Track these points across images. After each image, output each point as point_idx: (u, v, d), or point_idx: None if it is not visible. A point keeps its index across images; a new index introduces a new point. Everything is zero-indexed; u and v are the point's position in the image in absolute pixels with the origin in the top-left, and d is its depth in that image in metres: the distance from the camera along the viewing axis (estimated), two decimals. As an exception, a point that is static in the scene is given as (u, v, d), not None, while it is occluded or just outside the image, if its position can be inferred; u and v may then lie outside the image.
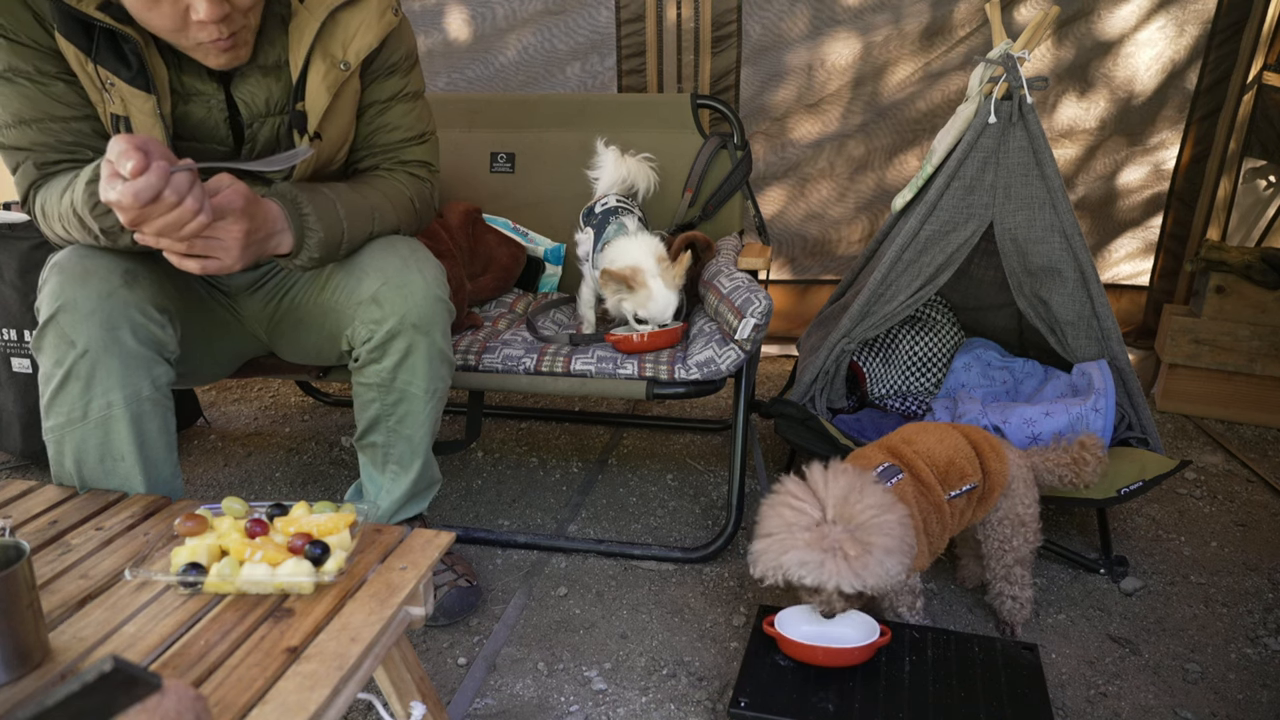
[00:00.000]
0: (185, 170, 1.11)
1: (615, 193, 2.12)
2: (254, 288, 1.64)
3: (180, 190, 1.10)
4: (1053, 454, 1.65)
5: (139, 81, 1.30)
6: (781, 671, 1.39)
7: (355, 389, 1.55)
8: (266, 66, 1.41)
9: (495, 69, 2.80)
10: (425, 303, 1.45)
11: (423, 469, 1.59)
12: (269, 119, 1.45)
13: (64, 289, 1.26)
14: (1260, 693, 1.52)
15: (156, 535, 1.16)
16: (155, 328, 1.32)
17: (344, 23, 1.41)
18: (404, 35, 1.54)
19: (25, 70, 1.29)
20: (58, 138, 1.32)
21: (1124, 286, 2.92)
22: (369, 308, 1.46)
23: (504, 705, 1.47)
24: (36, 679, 0.88)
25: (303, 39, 1.38)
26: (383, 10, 1.44)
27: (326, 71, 1.41)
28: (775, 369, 3.03)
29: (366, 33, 1.42)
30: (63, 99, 1.32)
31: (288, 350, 1.69)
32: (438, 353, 1.50)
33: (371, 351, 1.48)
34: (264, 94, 1.42)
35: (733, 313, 1.76)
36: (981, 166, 1.88)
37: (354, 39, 1.42)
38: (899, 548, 1.32)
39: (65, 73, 1.31)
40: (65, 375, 1.28)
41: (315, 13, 1.38)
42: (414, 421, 1.54)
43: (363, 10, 1.42)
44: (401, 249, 1.49)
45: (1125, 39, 2.62)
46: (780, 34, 2.68)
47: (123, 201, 1.07)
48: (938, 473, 1.50)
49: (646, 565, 1.88)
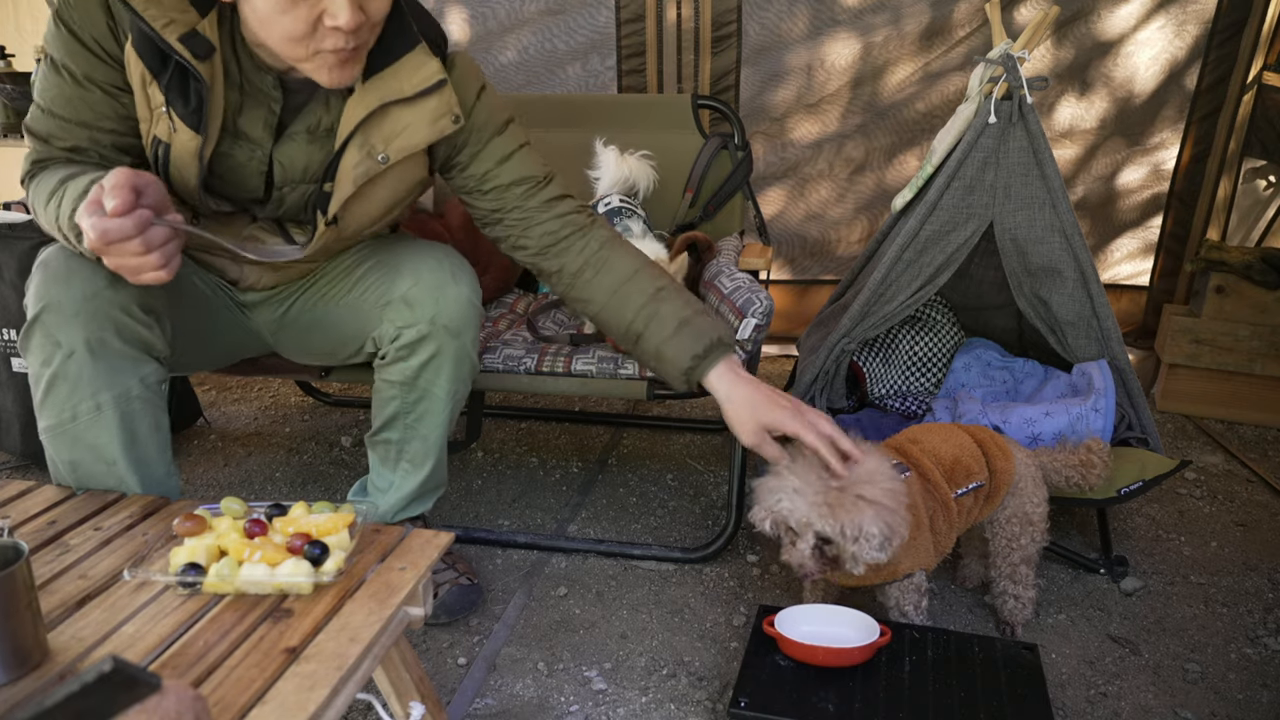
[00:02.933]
0: (168, 226, 1.10)
1: (617, 192, 2.12)
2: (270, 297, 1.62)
3: (152, 243, 1.09)
4: (1060, 455, 1.65)
5: (192, 120, 1.28)
6: (781, 671, 1.38)
7: (376, 385, 1.54)
8: (315, 132, 1.39)
9: (495, 69, 2.80)
10: (460, 307, 1.45)
11: (434, 469, 1.59)
12: (300, 186, 1.42)
13: (48, 289, 1.25)
14: (1260, 693, 1.52)
15: (155, 535, 1.16)
16: (142, 329, 1.30)
17: (394, 116, 1.35)
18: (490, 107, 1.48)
19: (73, 70, 1.28)
20: (76, 140, 1.31)
21: (1124, 286, 2.92)
22: (399, 308, 1.46)
23: (504, 705, 1.47)
24: (35, 680, 0.88)
25: (350, 120, 1.34)
26: (438, 115, 1.37)
27: (359, 162, 1.36)
28: (775, 369, 3.03)
29: (414, 134, 1.37)
30: (97, 108, 1.30)
31: (292, 350, 1.69)
32: (465, 357, 1.51)
33: (400, 350, 1.47)
34: (304, 161, 1.40)
35: (734, 313, 1.76)
36: (981, 166, 1.88)
37: (399, 136, 1.36)
38: (888, 519, 1.32)
39: (113, 85, 1.29)
40: (53, 377, 1.28)
41: (368, 98, 1.33)
42: (432, 421, 1.54)
43: (417, 110, 1.36)
44: (437, 252, 1.50)
45: (1125, 39, 2.62)
46: (780, 34, 2.68)
47: (91, 234, 1.07)
48: (944, 471, 1.50)
49: (646, 565, 1.88)
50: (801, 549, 1.36)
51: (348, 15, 1.16)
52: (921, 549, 1.46)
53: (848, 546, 1.33)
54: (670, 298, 1.48)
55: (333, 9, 1.16)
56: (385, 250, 1.54)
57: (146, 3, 1.21)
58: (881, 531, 1.32)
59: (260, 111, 1.36)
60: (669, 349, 1.45)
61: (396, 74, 1.34)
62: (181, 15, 1.24)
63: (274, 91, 1.35)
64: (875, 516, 1.32)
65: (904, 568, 1.46)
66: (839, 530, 1.32)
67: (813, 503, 1.33)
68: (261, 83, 1.34)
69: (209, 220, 1.44)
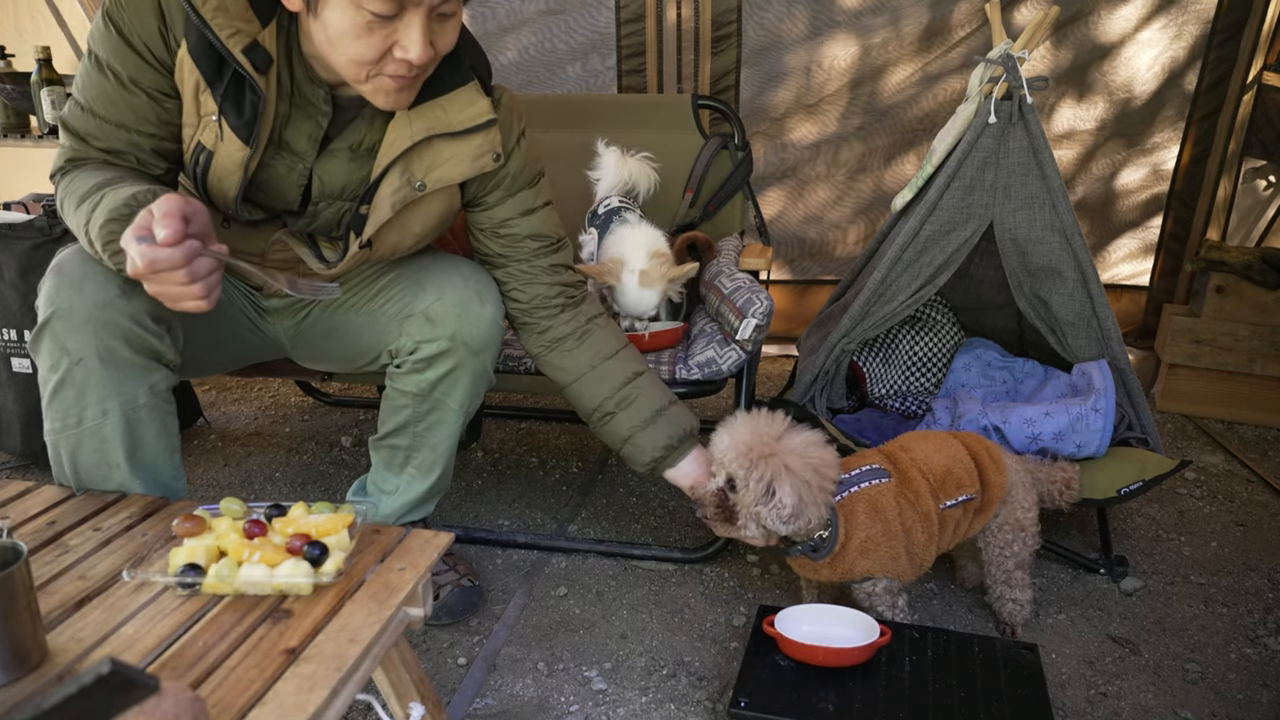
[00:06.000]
0: (213, 257, 1.09)
1: (616, 193, 2.12)
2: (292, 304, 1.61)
3: (197, 274, 1.08)
4: (1044, 470, 1.65)
5: (243, 132, 1.27)
6: (781, 671, 1.38)
7: (388, 391, 1.54)
8: (357, 150, 1.38)
9: (495, 69, 2.78)
10: (483, 326, 1.46)
11: (440, 477, 1.59)
12: (336, 202, 1.42)
13: (60, 294, 1.24)
14: (1260, 693, 1.52)
15: (155, 536, 1.16)
16: (152, 338, 1.29)
17: (438, 148, 1.36)
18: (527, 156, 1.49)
19: (119, 72, 1.26)
20: (114, 143, 1.29)
21: (1124, 286, 2.92)
22: (419, 323, 1.46)
23: (504, 705, 1.47)
24: (34, 680, 0.88)
25: (396, 146, 1.34)
26: (481, 153, 1.39)
27: (398, 188, 1.36)
28: (775, 369, 3.03)
29: (454, 167, 1.38)
30: (139, 112, 1.28)
31: (307, 357, 1.68)
32: (483, 373, 1.51)
33: (417, 362, 1.47)
34: (344, 178, 1.39)
35: (734, 313, 1.76)
36: (981, 166, 1.88)
37: (440, 167, 1.37)
38: (804, 494, 1.35)
39: (158, 90, 1.28)
40: (60, 381, 1.27)
41: (415, 126, 1.33)
42: (443, 431, 1.54)
43: (462, 145, 1.37)
44: (463, 269, 1.50)
45: (1125, 39, 2.62)
46: (780, 35, 2.68)
47: (138, 261, 1.05)
48: (934, 481, 1.50)
49: (646, 565, 1.88)
50: (709, 486, 1.41)
51: (419, 50, 1.18)
52: (886, 555, 1.46)
53: (751, 502, 1.36)
54: (648, 385, 1.54)
55: (405, 42, 1.17)
56: (409, 264, 1.53)
57: (215, 11, 1.21)
58: (794, 505, 1.34)
59: (308, 125, 1.35)
60: (642, 437, 1.52)
61: (445, 107, 1.35)
62: (246, 25, 1.23)
63: (324, 105, 1.34)
64: (793, 488, 1.34)
65: (860, 569, 1.46)
66: (746, 481, 1.35)
67: (739, 449, 1.36)
68: (313, 95, 1.33)
69: (239, 227, 1.43)
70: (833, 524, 1.44)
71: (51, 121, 2.49)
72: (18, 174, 2.67)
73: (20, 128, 2.63)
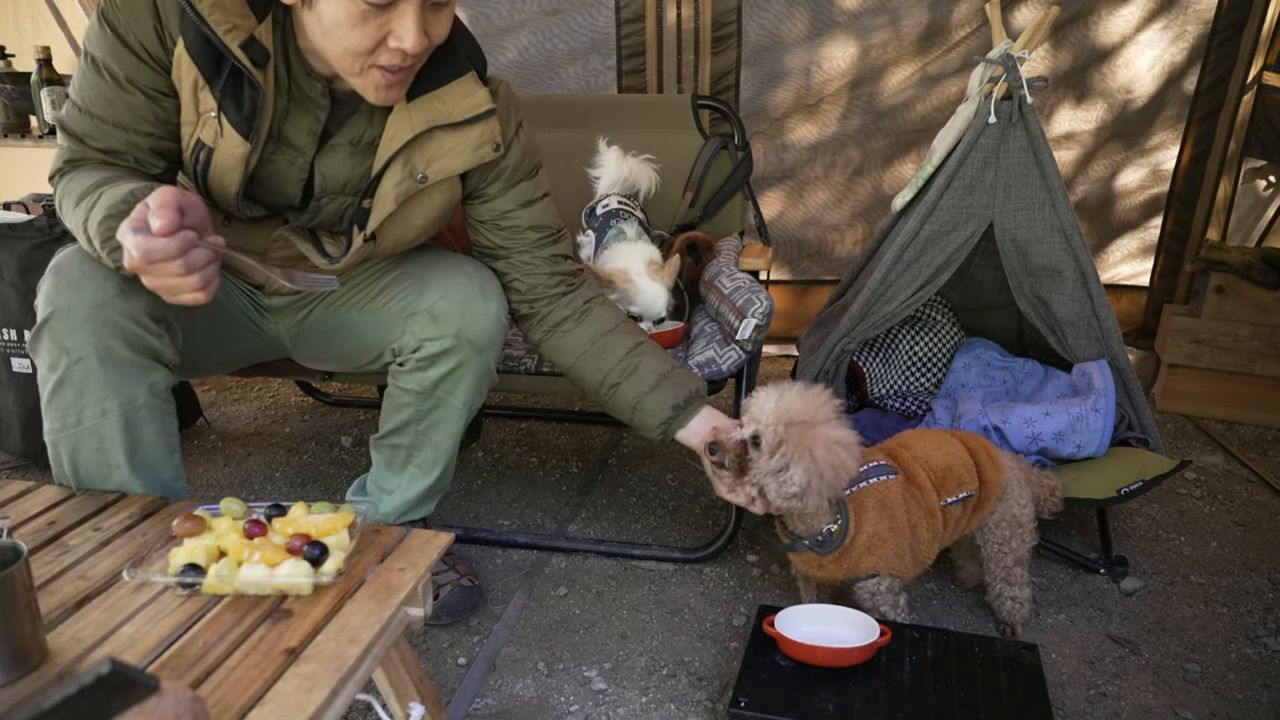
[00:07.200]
0: (209, 249, 1.09)
1: (616, 193, 2.12)
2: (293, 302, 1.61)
3: (193, 265, 1.07)
4: (1034, 474, 1.65)
5: (243, 127, 1.28)
6: (781, 671, 1.38)
7: (390, 390, 1.54)
8: (358, 145, 1.39)
9: (495, 69, 2.79)
10: (487, 324, 1.46)
11: (441, 475, 1.59)
12: (339, 198, 1.42)
13: (58, 293, 1.24)
14: (1260, 693, 1.52)
15: (155, 536, 1.16)
16: (151, 338, 1.29)
17: (438, 140, 1.37)
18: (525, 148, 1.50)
19: (115, 72, 1.26)
20: (112, 143, 1.30)
21: (1124, 287, 2.92)
22: (423, 321, 1.46)
23: (504, 705, 1.47)
24: (34, 680, 0.88)
25: (396, 140, 1.35)
26: (480, 143, 1.40)
27: (400, 180, 1.37)
28: (775, 369, 3.03)
29: (455, 158, 1.39)
30: (137, 111, 1.29)
31: (308, 356, 1.68)
32: (486, 372, 1.51)
33: (420, 361, 1.47)
34: (345, 174, 1.40)
35: (734, 313, 1.76)
36: (981, 166, 1.88)
37: (441, 158, 1.38)
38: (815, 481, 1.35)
39: (155, 89, 1.28)
40: (59, 381, 1.27)
41: (415, 119, 1.34)
42: (445, 430, 1.54)
43: (462, 136, 1.38)
44: (467, 267, 1.50)
45: (1125, 40, 2.62)
46: (779, 35, 2.68)
47: (134, 252, 1.06)
48: (935, 478, 1.50)
49: (646, 565, 1.88)
50: (735, 435, 1.41)
51: (414, 39, 1.18)
52: (891, 552, 1.46)
53: (764, 470, 1.36)
54: (649, 352, 1.54)
55: (400, 31, 1.18)
56: (412, 261, 1.54)
57: (212, 7, 1.21)
58: (802, 486, 1.34)
59: (306, 119, 1.35)
60: (649, 400, 1.51)
61: (444, 98, 1.35)
62: (243, 21, 1.23)
63: (322, 100, 1.35)
64: (806, 473, 1.34)
65: (866, 565, 1.46)
66: (772, 446, 1.35)
67: (781, 415, 1.37)
68: (310, 89, 1.34)
69: (241, 225, 1.43)
70: (843, 518, 1.44)
71: (51, 121, 2.49)
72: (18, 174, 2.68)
73: (20, 128, 2.63)
